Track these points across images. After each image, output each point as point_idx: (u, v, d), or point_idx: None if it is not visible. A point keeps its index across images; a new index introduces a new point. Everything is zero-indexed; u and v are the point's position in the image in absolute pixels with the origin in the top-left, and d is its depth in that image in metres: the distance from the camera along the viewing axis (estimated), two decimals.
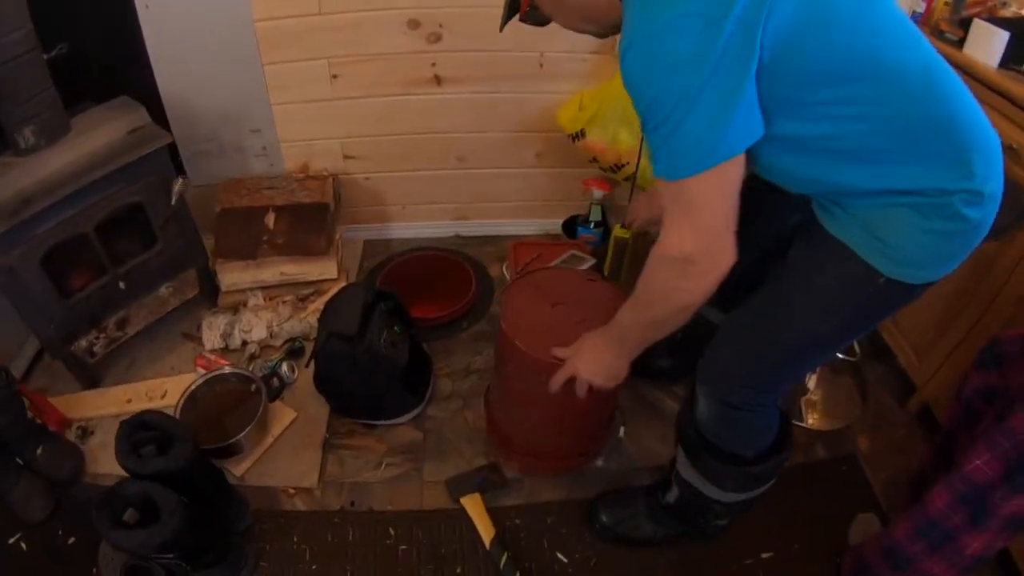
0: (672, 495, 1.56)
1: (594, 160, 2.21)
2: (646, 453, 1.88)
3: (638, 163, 2.08)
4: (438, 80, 2.17)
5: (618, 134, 2.10)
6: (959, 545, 1.19)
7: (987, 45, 1.69)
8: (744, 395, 1.28)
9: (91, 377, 1.95)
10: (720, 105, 0.93)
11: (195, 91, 2.08)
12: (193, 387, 1.80)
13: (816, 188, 1.14)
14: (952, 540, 1.20)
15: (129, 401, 1.91)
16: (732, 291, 1.17)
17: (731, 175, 0.98)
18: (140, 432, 1.47)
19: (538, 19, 1.20)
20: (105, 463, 1.75)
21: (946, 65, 1.01)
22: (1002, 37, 1.66)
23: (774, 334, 1.21)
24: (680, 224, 1.03)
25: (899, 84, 0.97)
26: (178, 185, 1.85)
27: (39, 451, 1.69)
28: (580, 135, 2.15)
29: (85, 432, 1.85)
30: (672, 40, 0.91)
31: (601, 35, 1.19)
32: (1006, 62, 1.66)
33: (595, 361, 1.38)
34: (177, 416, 1.73)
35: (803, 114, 1.00)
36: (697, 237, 1.02)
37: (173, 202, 1.86)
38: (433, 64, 2.13)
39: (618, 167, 2.17)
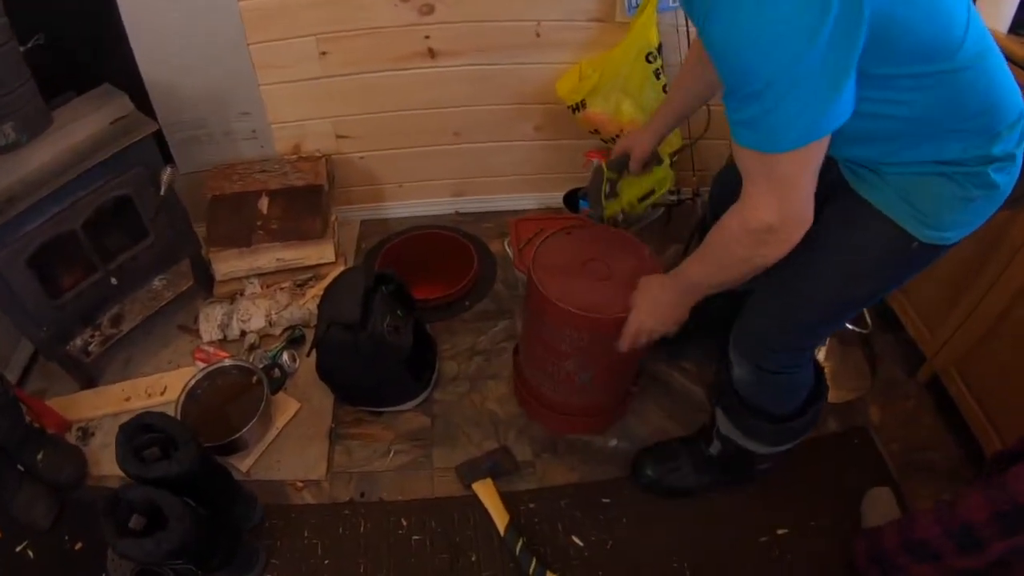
0: (715, 448, 1.60)
1: (595, 132, 2.14)
2: (657, 431, 1.86)
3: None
4: (432, 53, 2.09)
5: (620, 104, 2.04)
6: (988, 551, 1.20)
7: (997, 10, 1.72)
8: (781, 359, 1.32)
9: (88, 376, 1.91)
10: (829, 81, 0.88)
11: (179, 75, 2.00)
12: (192, 383, 1.76)
13: (855, 154, 1.13)
14: (981, 547, 1.21)
15: (128, 399, 1.88)
16: None
17: (821, 150, 0.95)
18: (141, 435, 1.43)
19: None
20: (107, 464, 1.72)
21: (992, 38, 1.00)
22: (1012, 2, 1.69)
23: (809, 300, 1.24)
24: (766, 196, 1.01)
25: (963, 64, 0.96)
26: (166, 175, 1.79)
27: (40, 456, 1.65)
28: (580, 106, 2.08)
29: (86, 433, 1.82)
30: (786, 4, 0.83)
31: None
32: (1015, 28, 1.70)
33: (660, 309, 1.38)
34: (178, 414, 1.69)
35: (869, 88, 0.96)
36: (783, 209, 1.00)
37: (162, 192, 1.80)
38: (426, 37, 2.05)
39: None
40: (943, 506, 1.30)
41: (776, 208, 1.00)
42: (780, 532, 1.67)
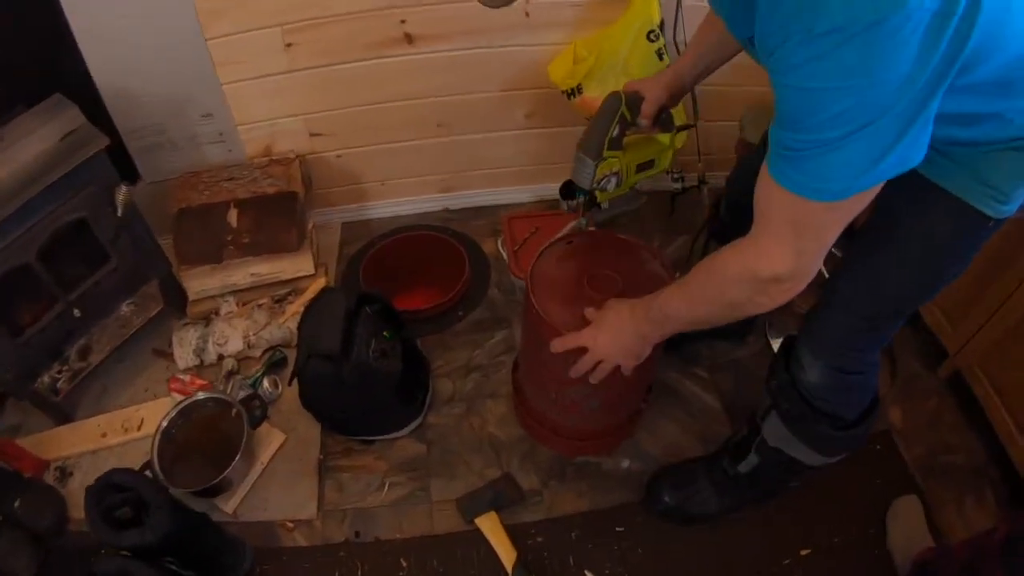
0: (747, 464, 1.48)
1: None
2: (671, 447, 1.74)
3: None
4: (409, 39, 1.90)
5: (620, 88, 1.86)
6: None
7: None
8: (862, 359, 1.24)
9: (62, 413, 1.77)
10: (898, 127, 0.78)
11: (134, 79, 1.81)
12: (165, 423, 1.61)
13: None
14: None
15: (105, 435, 1.74)
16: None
17: (865, 202, 0.87)
18: (111, 495, 1.30)
19: None
20: None
21: None
22: None
23: (890, 293, 1.15)
24: (786, 246, 0.93)
25: None
26: (121, 194, 1.62)
27: (17, 503, 1.54)
28: (576, 91, 1.91)
29: (64, 473, 1.69)
30: (892, 42, 0.70)
31: None
32: None
33: (623, 339, 1.27)
34: (154, 458, 1.56)
35: (955, 95, 0.82)
36: (800, 263, 0.94)
37: (120, 213, 1.63)
38: (402, 21, 1.86)
39: None
40: None
41: (793, 261, 0.94)
42: (804, 553, 1.58)
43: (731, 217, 1.63)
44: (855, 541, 1.60)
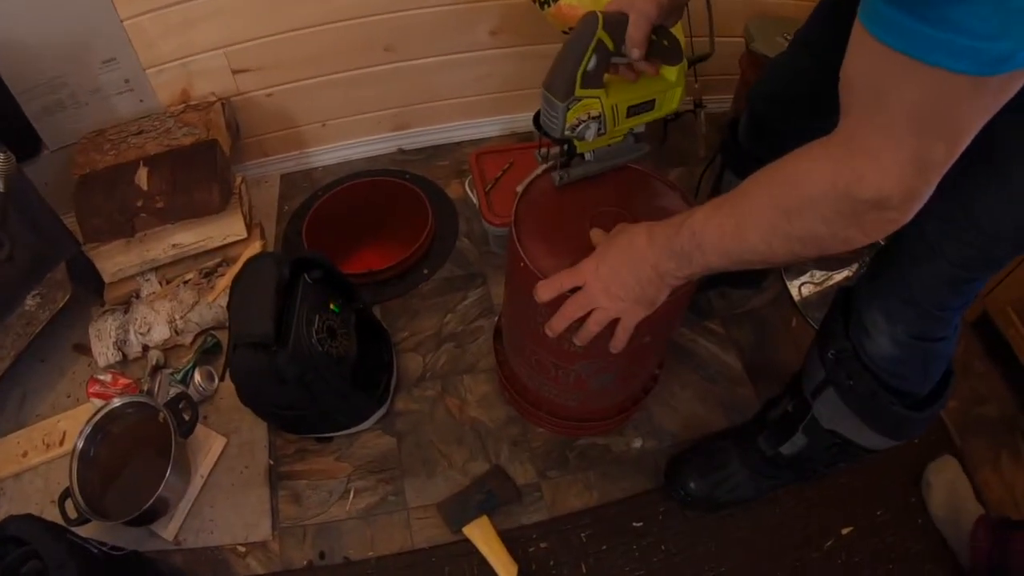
0: (792, 446, 1.20)
1: (570, 31, 1.64)
2: (690, 421, 1.48)
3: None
4: None
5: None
6: None
7: None
8: (951, 320, 0.97)
9: None
10: None
11: (20, 26, 1.44)
12: (81, 443, 1.30)
13: None
14: None
15: (25, 454, 1.44)
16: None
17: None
18: (11, 550, 1.02)
19: None
20: None
21: None
22: None
23: (994, 243, 0.86)
24: (901, 147, 0.63)
25: None
26: (0, 163, 1.27)
27: None
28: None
29: None
30: None
31: None
32: None
33: (624, 269, 0.92)
34: (74, 487, 1.26)
35: None
36: (919, 175, 0.65)
37: (1, 188, 1.29)
38: None
39: None
40: None
41: (912, 174, 0.64)
42: (845, 532, 1.38)
43: (753, 140, 1.34)
44: (898, 513, 1.41)
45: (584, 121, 1.04)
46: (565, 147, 1.08)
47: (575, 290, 0.97)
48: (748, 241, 0.79)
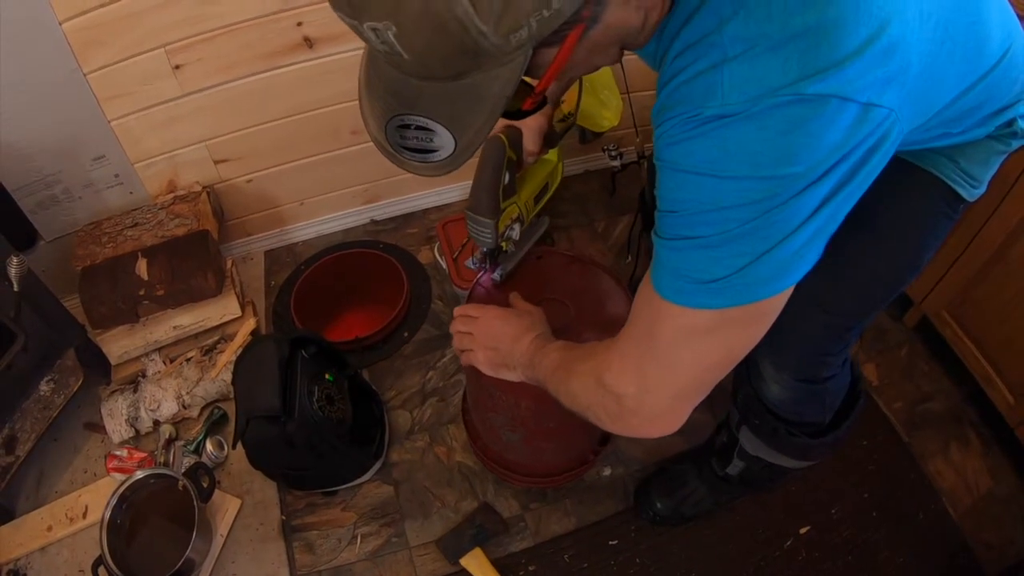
0: (735, 468, 1.37)
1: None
2: (653, 447, 1.65)
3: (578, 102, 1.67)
4: (309, 43, 1.72)
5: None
6: None
7: None
8: (833, 363, 1.10)
9: (3, 511, 1.58)
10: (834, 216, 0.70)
11: (12, 130, 1.59)
12: (108, 514, 1.44)
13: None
14: None
15: (50, 529, 1.56)
16: None
17: (764, 317, 0.77)
18: None
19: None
20: None
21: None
22: None
23: (875, 284, 1.03)
24: (628, 353, 0.83)
25: (1004, 71, 0.81)
26: (14, 266, 1.42)
27: None
28: None
29: None
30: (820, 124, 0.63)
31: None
32: None
33: (501, 334, 1.13)
34: (105, 555, 1.38)
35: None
36: (640, 383, 0.82)
37: (16, 288, 1.43)
38: (299, 24, 1.67)
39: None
40: None
41: (634, 379, 0.82)
42: (803, 531, 1.54)
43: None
44: (851, 509, 1.56)
45: (509, 226, 1.25)
46: (490, 253, 1.28)
47: None
48: (557, 388, 0.98)
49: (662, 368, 0.79)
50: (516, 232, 1.28)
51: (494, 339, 1.13)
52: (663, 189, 0.72)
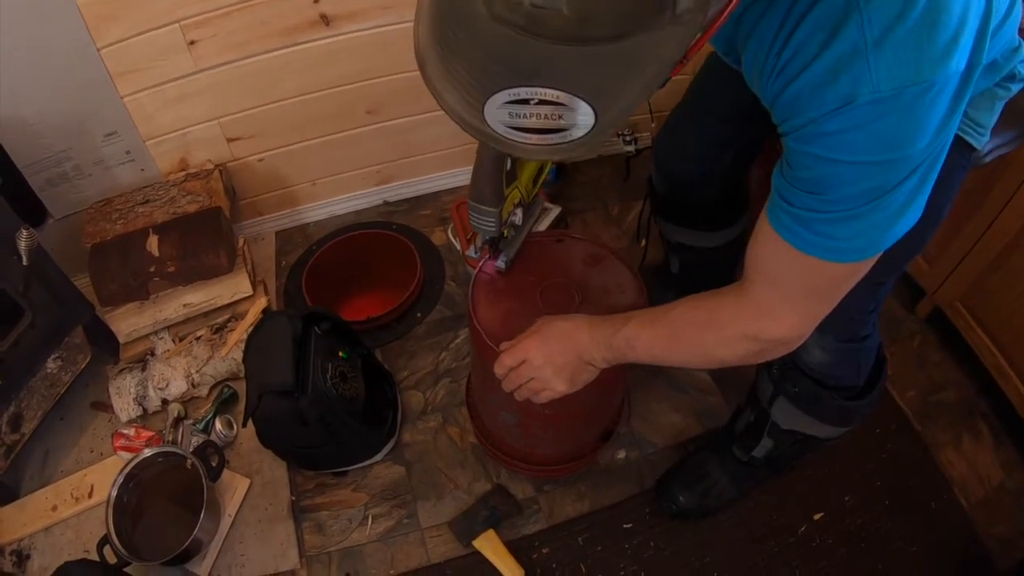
0: (762, 449, 1.38)
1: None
2: (668, 429, 1.65)
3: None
4: (325, 20, 1.70)
5: None
6: None
7: None
8: (869, 320, 1.16)
9: (6, 490, 1.56)
10: (917, 185, 0.77)
11: (24, 105, 1.57)
12: (115, 492, 1.42)
13: None
14: None
15: (55, 508, 1.55)
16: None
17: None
18: None
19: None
20: None
21: None
22: None
23: (898, 246, 1.03)
24: (795, 309, 0.89)
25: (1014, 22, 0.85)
26: (24, 239, 1.40)
27: None
28: None
29: (21, 557, 1.50)
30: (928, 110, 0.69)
31: None
32: None
33: (565, 361, 1.08)
34: (111, 533, 1.37)
35: None
36: (808, 325, 0.91)
37: (25, 261, 1.41)
38: (316, 1, 1.66)
39: None
40: None
41: (803, 326, 0.91)
42: (817, 517, 1.53)
43: (667, 188, 1.51)
44: (864, 497, 1.56)
45: (512, 211, 1.24)
46: (493, 240, 1.25)
47: None
48: (673, 357, 1.02)
49: (823, 309, 0.89)
50: (519, 217, 1.28)
51: (553, 357, 1.09)
52: (806, 172, 0.76)
